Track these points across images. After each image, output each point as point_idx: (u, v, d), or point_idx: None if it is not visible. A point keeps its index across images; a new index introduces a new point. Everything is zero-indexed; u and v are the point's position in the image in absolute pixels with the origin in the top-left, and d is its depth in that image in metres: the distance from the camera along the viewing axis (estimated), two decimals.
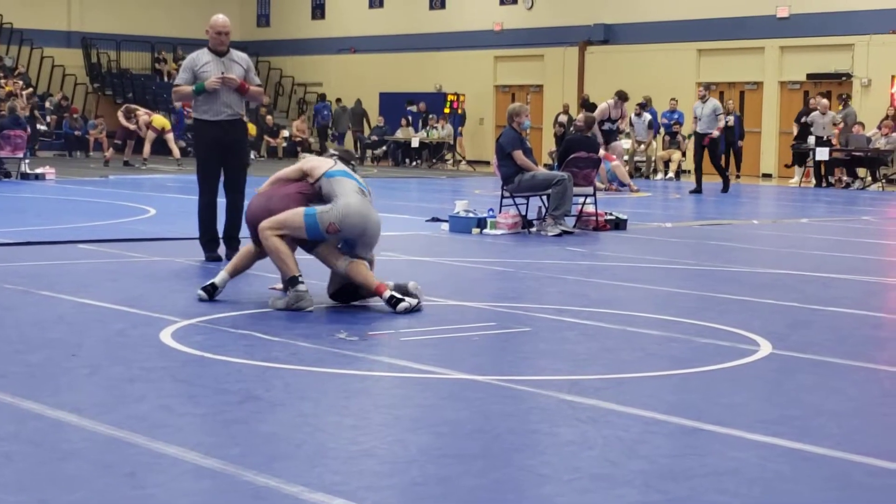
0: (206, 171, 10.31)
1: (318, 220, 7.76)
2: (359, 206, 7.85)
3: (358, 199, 7.89)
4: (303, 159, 8.42)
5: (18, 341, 6.57)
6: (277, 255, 7.73)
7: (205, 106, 10.13)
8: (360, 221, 7.85)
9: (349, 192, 7.88)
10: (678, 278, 10.01)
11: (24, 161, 22.29)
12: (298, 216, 7.77)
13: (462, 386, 5.73)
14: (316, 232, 7.78)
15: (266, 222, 7.77)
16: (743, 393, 5.71)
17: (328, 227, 7.76)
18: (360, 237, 7.89)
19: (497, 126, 32.44)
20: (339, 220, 7.77)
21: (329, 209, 7.78)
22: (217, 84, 10.02)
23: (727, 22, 29.14)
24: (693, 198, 21.17)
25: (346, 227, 7.80)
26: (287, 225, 7.77)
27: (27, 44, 36.29)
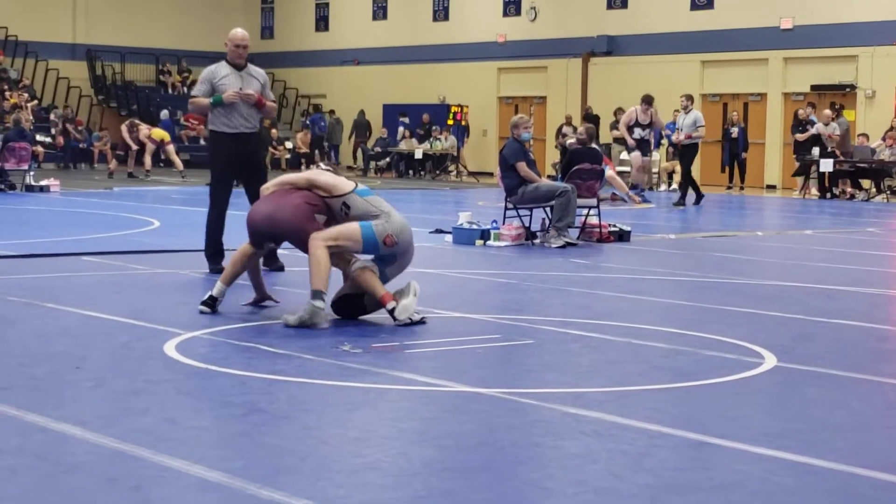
0: (221, 183, 10.33)
1: (374, 233, 7.69)
2: (407, 223, 7.90)
3: (403, 216, 7.91)
4: (311, 170, 8.37)
5: (23, 354, 6.58)
6: (317, 265, 7.54)
7: (222, 118, 10.18)
8: (410, 238, 7.89)
9: (393, 210, 7.89)
10: (682, 290, 10.00)
11: (28, 173, 22.32)
12: (356, 229, 7.68)
13: (466, 398, 5.72)
14: (373, 244, 7.71)
15: (321, 233, 7.64)
16: (748, 406, 5.70)
17: (386, 238, 7.71)
18: (404, 255, 7.89)
19: (500, 137, 32.47)
20: (398, 233, 7.76)
21: (384, 223, 7.73)
22: (235, 98, 10.07)
23: (731, 33, 29.17)
24: (695, 209, 21.16)
25: (402, 241, 7.79)
26: (343, 236, 7.66)
27: (32, 56, 36.38)
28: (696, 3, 30.07)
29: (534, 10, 33.31)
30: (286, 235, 7.97)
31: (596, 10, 31.87)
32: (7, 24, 36.40)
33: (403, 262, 7.95)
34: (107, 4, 38.09)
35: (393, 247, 7.77)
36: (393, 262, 7.87)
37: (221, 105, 10.09)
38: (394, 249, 7.80)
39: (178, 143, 32.58)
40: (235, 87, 10.12)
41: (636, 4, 31.19)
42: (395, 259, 7.87)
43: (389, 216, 7.81)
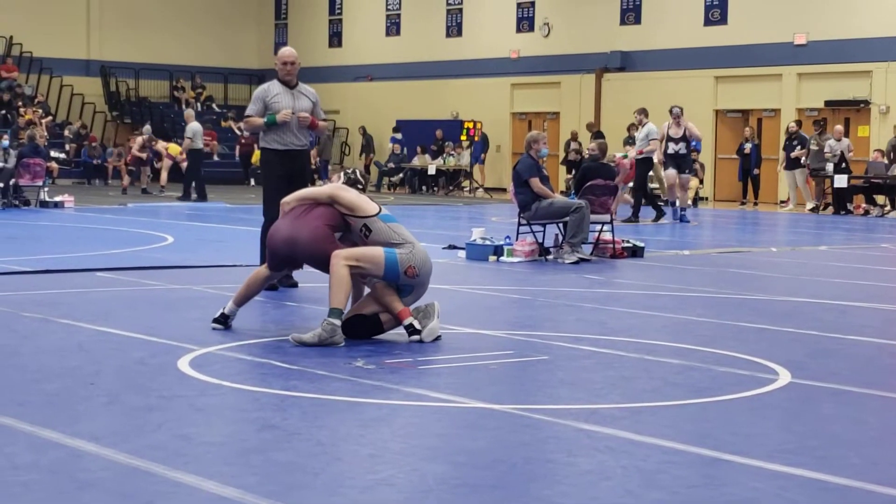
0: (272, 198, 10.36)
1: (398, 261, 7.64)
2: (428, 255, 7.87)
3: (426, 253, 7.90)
4: (332, 184, 8.24)
5: (37, 370, 6.59)
6: (339, 284, 7.48)
7: (274, 136, 10.28)
8: (430, 272, 7.86)
9: (416, 240, 7.86)
10: (696, 306, 9.98)
11: (43, 189, 22.40)
12: (380, 254, 7.63)
13: (479, 415, 5.71)
14: (394, 272, 7.65)
15: (343, 252, 7.59)
16: (762, 422, 5.69)
17: (407, 269, 7.67)
18: (421, 286, 7.85)
19: (514, 153, 32.47)
20: (420, 265, 7.72)
21: (409, 253, 7.69)
22: (288, 117, 10.15)
23: (744, 49, 29.16)
24: (712, 225, 21.12)
25: (423, 273, 7.76)
26: (366, 259, 7.61)
27: (47, 72, 36.54)
28: (709, 18, 30.07)
29: (547, 26, 33.35)
30: (306, 259, 7.94)
31: (609, 25, 31.89)
32: (22, 41, 36.58)
33: (419, 293, 7.89)
34: (121, 21, 38.25)
35: (413, 278, 7.73)
36: (409, 293, 7.83)
37: (275, 125, 10.19)
38: (413, 281, 7.75)
39: None
40: (287, 105, 10.22)
41: (649, 20, 31.20)
42: (412, 290, 7.83)
43: (413, 247, 7.76)
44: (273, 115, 10.21)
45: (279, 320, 8.78)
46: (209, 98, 39.58)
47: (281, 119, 10.17)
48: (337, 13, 39.07)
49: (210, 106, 39.36)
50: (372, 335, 7.78)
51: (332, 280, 7.55)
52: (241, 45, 40.50)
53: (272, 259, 8.01)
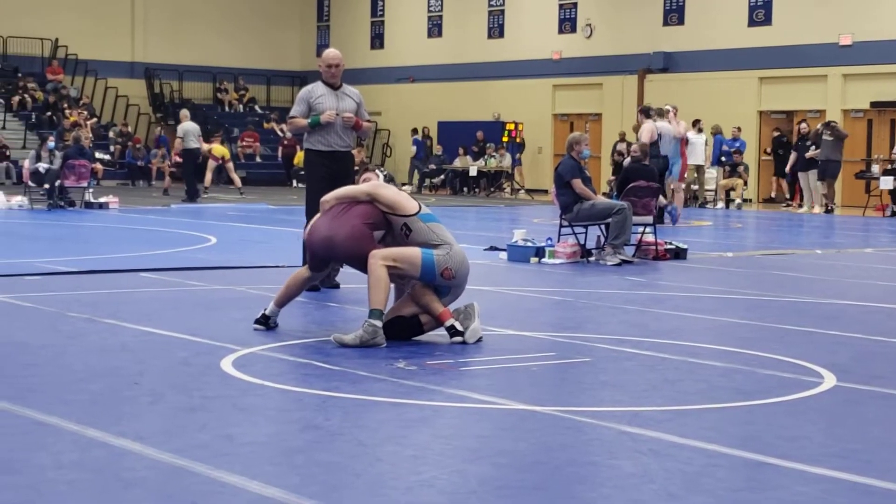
0: (315, 199, 10.38)
1: (435, 262, 7.62)
2: (465, 256, 7.84)
3: (464, 254, 7.87)
4: (372, 183, 8.15)
5: (82, 369, 6.64)
6: (377, 284, 7.48)
7: (318, 137, 10.32)
8: (467, 273, 7.84)
9: (455, 241, 7.84)
10: (740, 309, 9.92)
11: (88, 190, 22.58)
12: (416, 255, 7.61)
13: (521, 416, 5.71)
14: (430, 273, 7.63)
15: (381, 252, 7.58)
16: (806, 426, 5.64)
17: (444, 271, 7.65)
18: (458, 288, 7.83)
19: (555, 155, 32.41)
20: (457, 267, 7.70)
21: (445, 254, 7.67)
22: (332, 118, 10.19)
23: (789, 50, 28.96)
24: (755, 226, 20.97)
25: (460, 275, 7.74)
26: (402, 260, 7.59)
27: (92, 74, 36.82)
28: (753, 19, 29.89)
29: (589, 27, 33.26)
30: (344, 258, 7.95)
31: (652, 26, 31.77)
32: (67, 43, 36.89)
33: (456, 294, 7.88)
34: (165, 23, 38.50)
35: (450, 280, 7.71)
36: (445, 294, 7.81)
37: (319, 126, 10.22)
38: (450, 283, 7.73)
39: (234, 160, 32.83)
40: (331, 106, 10.25)
41: (693, 20, 31.05)
42: (449, 291, 7.81)
43: (451, 248, 7.73)
44: (317, 117, 10.24)
45: (321, 321, 8.80)
46: (252, 100, 39.76)
47: (325, 120, 10.20)
48: (379, 15, 39.15)
49: (253, 107, 39.53)
50: (412, 336, 7.78)
51: (370, 281, 7.55)
52: (284, 46, 40.66)
53: (312, 258, 8.01)
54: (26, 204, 21.88)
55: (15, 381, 6.29)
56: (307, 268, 8.10)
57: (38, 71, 36.80)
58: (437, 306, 7.70)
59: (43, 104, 35.23)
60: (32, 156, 22.66)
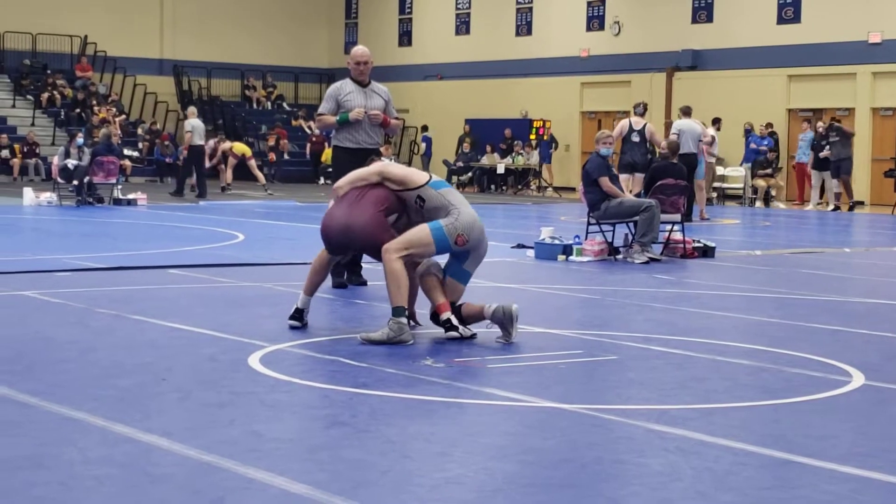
0: None
1: (445, 234, 7.58)
2: (477, 217, 7.78)
3: (474, 210, 7.81)
4: (380, 163, 8.13)
5: (111, 365, 6.67)
6: (395, 281, 7.48)
7: (346, 134, 10.35)
8: (481, 233, 7.75)
9: (466, 203, 7.79)
10: (768, 307, 9.88)
11: (116, 187, 22.69)
12: (426, 234, 7.58)
13: (548, 414, 5.70)
14: (445, 245, 7.59)
15: (392, 244, 7.55)
16: (835, 425, 5.61)
17: (457, 238, 7.59)
18: (477, 249, 7.76)
19: (583, 153, 32.36)
20: (468, 230, 7.63)
21: (454, 221, 7.62)
22: (360, 116, 10.20)
23: (818, 48, 28.82)
24: (784, 225, 20.86)
25: (473, 237, 7.66)
26: (414, 243, 7.57)
27: (120, 71, 36.98)
28: (782, 16, 29.75)
29: (617, 25, 33.18)
30: (361, 247, 7.93)
31: (680, 24, 31.67)
32: (96, 41, 37.05)
33: (479, 255, 7.81)
34: (193, 21, 38.63)
35: (464, 245, 7.66)
36: (467, 258, 7.76)
37: (347, 123, 10.24)
38: (466, 247, 7.69)
39: (261, 157, 32.93)
40: (359, 103, 10.26)
41: (721, 18, 30.93)
42: (468, 255, 7.75)
43: (459, 212, 7.67)
44: (346, 114, 10.25)
45: (349, 318, 8.82)
46: (280, 97, 39.85)
47: (353, 117, 10.21)
48: (407, 12, 39.17)
49: (281, 105, 39.62)
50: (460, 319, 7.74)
51: (387, 279, 7.53)
52: (312, 44, 40.74)
53: (328, 245, 7.96)
54: (55, 200, 21.99)
55: (44, 377, 6.33)
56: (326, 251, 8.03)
57: (68, 68, 37.00)
58: (438, 297, 7.66)
59: (72, 101, 35.41)
60: (61, 152, 22.77)
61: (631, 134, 19.82)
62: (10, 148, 32.36)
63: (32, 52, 36.79)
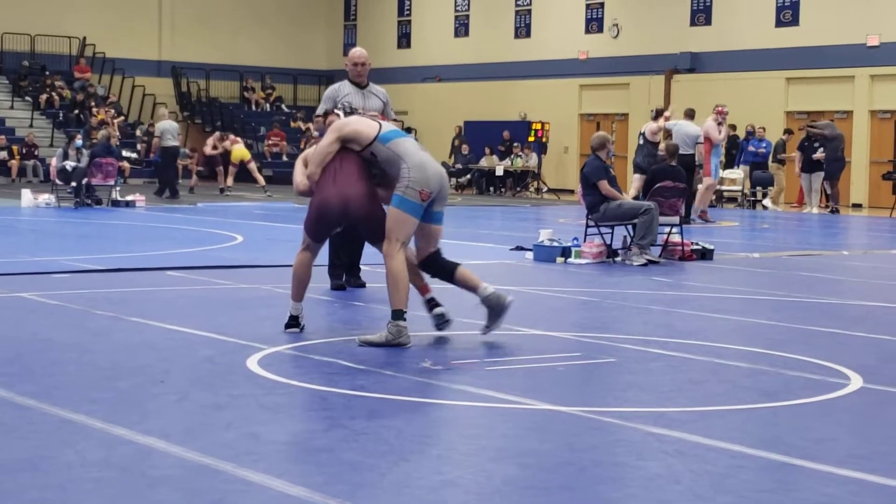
0: None
1: (410, 199, 7.44)
2: (429, 161, 7.61)
3: (424, 155, 7.64)
4: (334, 126, 7.84)
5: (109, 367, 6.67)
6: (395, 283, 7.42)
7: None
8: (437, 175, 7.58)
9: (414, 152, 7.60)
10: (766, 310, 9.89)
11: (115, 188, 22.68)
12: (396, 213, 7.46)
13: (547, 417, 5.70)
14: (417, 208, 7.46)
15: (385, 246, 7.47)
16: (833, 427, 5.62)
17: (420, 194, 7.45)
18: (440, 192, 7.62)
19: (581, 155, 32.35)
20: (424, 182, 7.47)
21: (406, 181, 7.45)
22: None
23: (816, 50, 28.83)
24: (783, 227, 20.87)
25: (433, 185, 7.50)
26: (397, 230, 7.45)
27: (119, 73, 36.97)
28: (780, 19, 29.76)
29: (616, 27, 33.20)
30: (358, 218, 7.67)
31: (679, 26, 31.68)
32: (95, 42, 37.05)
33: (443, 195, 7.66)
34: (192, 22, 38.63)
35: (430, 197, 7.51)
36: (434, 202, 7.61)
37: None
38: (432, 195, 7.53)
39: (260, 159, 32.91)
40: (357, 105, 10.23)
41: (720, 21, 30.95)
42: (435, 198, 7.60)
43: (409, 167, 7.49)
44: None
45: (347, 320, 8.82)
46: (279, 98, 39.86)
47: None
48: (406, 14, 39.18)
49: (279, 106, 39.63)
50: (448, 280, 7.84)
51: (389, 280, 7.47)
52: (311, 46, 40.74)
53: (322, 227, 7.76)
54: (53, 202, 21.99)
55: (41, 379, 6.33)
56: (306, 247, 7.86)
57: (66, 69, 36.99)
58: (418, 281, 7.77)
59: (70, 102, 35.41)
60: (60, 154, 22.77)
61: (639, 137, 20.59)
62: (9, 149, 32.36)
63: (31, 53, 36.78)
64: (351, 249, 10.35)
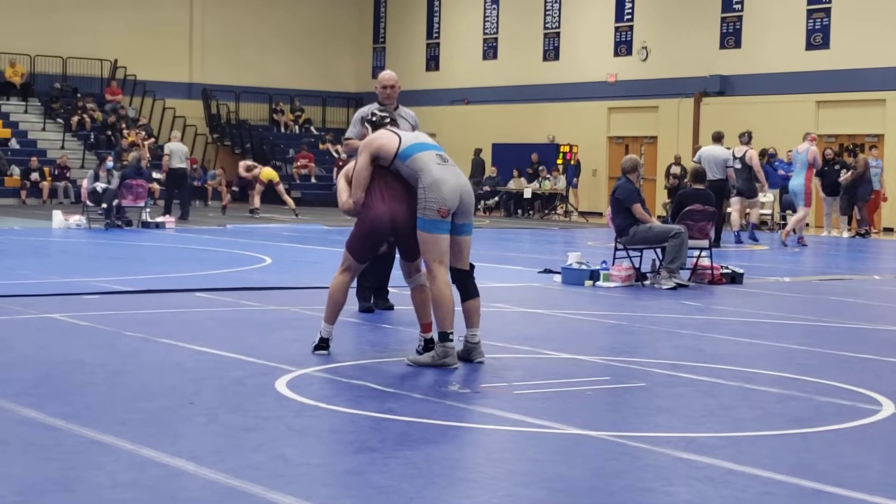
0: None
1: (433, 221, 7.44)
2: (445, 176, 7.53)
3: (442, 170, 7.56)
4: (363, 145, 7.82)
5: (138, 388, 6.68)
6: (438, 304, 7.41)
7: None
8: (453, 189, 7.50)
9: (431, 168, 7.53)
10: (797, 334, 9.83)
11: (145, 210, 22.79)
12: (425, 236, 7.47)
13: (575, 441, 5.67)
14: (440, 226, 7.44)
15: (426, 268, 7.50)
16: (865, 454, 5.57)
17: (439, 213, 7.43)
18: (461, 205, 7.57)
19: (610, 178, 32.31)
20: (440, 200, 7.44)
21: (423, 202, 7.45)
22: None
23: (846, 74, 28.73)
24: (812, 251, 20.78)
25: (450, 201, 7.46)
26: (428, 250, 7.47)
27: (150, 95, 37.21)
28: (811, 42, 29.69)
29: (645, 50, 33.19)
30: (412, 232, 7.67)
31: (708, 49, 31.64)
32: (126, 64, 37.30)
33: (464, 209, 7.58)
34: (222, 45, 38.85)
35: (448, 213, 7.47)
36: (457, 214, 7.54)
37: None
38: (451, 211, 7.48)
39: (289, 181, 33.01)
40: None
41: (750, 44, 30.90)
42: (457, 212, 7.54)
43: (424, 186, 7.47)
44: None
45: (375, 343, 8.82)
46: (307, 121, 40.01)
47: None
48: (434, 37, 39.30)
49: (308, 128, 39.78)
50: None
51: (435, 302, 7.46)
52: (340, 68, 40.90)
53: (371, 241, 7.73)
54: (84, 223, 22.11)
55: (72, 400, 6.35)
56: (346, 269, 7.82)
57: (98, 91, 37.24)
58: (425, 318, 7.67)
59: (101, 124, 35.63)
60: (91, 175, 22.91)
61: (733, 161, 21.06)
62: (41, 171, 32.59)
63: (63, 75, 37.07)
64: (379, 272, 10.35)
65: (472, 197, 7.71)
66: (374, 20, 41.45)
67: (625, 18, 33.73)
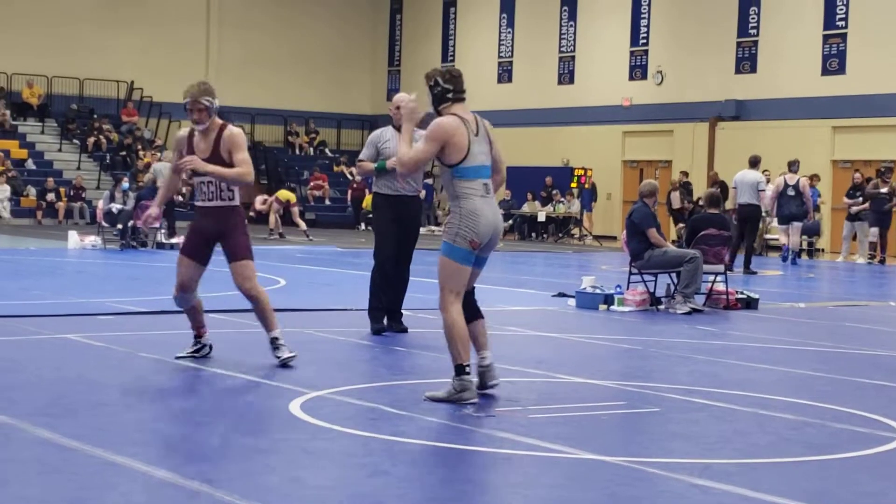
0: (383, 243, 10.41)
1: (461, 251, 7.21)
2: (484, 209, 7.32)
3: (483, 202, 7.34)
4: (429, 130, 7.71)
5: (151, 409, 6.68)
6: (451, 336, 7.14)
7: (385, 181, 10.37)
8: (490, 227, 7.30)
9: (475, 196, 7.32)
10: (812, 361, 9.79)
11: (160, 231, 22.85)
12: (446, 263, 7.23)
13: (590, 466, 5.65)
14: (467, 257, 7.23)
15: (444, 299, 7.18)
16: (882, 481, 5.53)
17: (471, 244, 7.22)
18: (488, 242, 7.36)
19: (625, 202, 32.30)
20: (475, 233, 7.22)
21: (457, 230, 7.23)
22: (397, 163, 10.17)
23: (863, 99, 28.71)
24: (829, 277, 20.71)
25: (483, 235, 7.25)
26: (449, 280, 7.21)
27: (165, 116, 37.35)
28: (827, 68, 29.68)
29: (660, 74, 33.21)
30: None
31: (724, 74, 31.65)
32: (142, 86, 37.47)
33: (490, 244, 7.36)
34: (237, 67, 38.99)
35: (479, 246, 7.26)
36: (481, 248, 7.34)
37: (385, 171, 10.27)
38: (481, 244, 7.28)
39: (303, 202, 33.07)
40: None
41: (765, 69, 30.90)
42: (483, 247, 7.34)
43: (461, 213, 7.25)
44: (384, 161, 10.28)
45: (389, 365, 8.80)
46: (322, 143, 40.12)
47: (391, 165, 10.23)
48: (449, 60, 39.39)
49: (323, 151, 39.87)
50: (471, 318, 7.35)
51: (448, 334, 7.17)
52: (355, 91, 41.02)
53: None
54: (99, 244, 22.17)
55: (86, 421, 6.35)
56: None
57: (114, 112, 37.41)
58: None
59: (117, 145, 35.79)
60: (106, 196, 22.99)
61: (787, 189, 22.51)
62: (56, 191, 32.71)
63: (79, 96, 37.26)
64: (392, 294, 10.35)
65: (500, 234, 7.51)
66: (390, 42, 41.59)
67: (640, 42, 33.78)
